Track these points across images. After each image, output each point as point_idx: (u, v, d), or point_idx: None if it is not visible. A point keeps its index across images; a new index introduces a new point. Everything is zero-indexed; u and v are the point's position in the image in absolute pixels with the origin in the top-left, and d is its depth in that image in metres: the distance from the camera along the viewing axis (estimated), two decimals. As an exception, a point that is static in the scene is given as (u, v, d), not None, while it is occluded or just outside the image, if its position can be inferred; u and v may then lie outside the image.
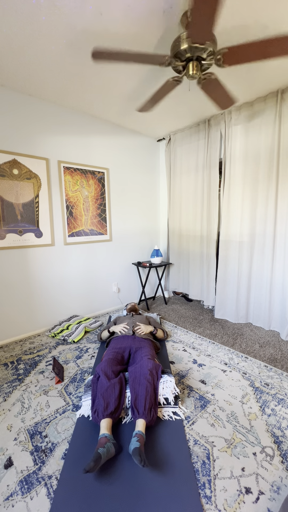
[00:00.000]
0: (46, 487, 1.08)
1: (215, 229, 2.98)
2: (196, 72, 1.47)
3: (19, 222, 2.35)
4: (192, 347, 2.27)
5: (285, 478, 1.10)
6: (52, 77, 2.03)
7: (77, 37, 1.60)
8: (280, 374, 1.85)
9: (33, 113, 2.36)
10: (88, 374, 1.87)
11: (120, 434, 1.33)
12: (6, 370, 1.94)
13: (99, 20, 1.47)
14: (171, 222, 3.54)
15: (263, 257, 2.58)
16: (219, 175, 2.92)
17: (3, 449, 1.27)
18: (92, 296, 3.05)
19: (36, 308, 2.58)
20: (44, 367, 1.97)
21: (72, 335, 2.42)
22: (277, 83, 2.17)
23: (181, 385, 1.73)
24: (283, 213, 2.37)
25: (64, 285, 2.77)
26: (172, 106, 2.56)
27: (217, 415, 1.46)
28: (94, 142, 2.85)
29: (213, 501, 1.02)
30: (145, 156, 3.45)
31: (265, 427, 1.37)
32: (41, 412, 1.50)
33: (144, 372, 1.50)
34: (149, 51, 1.73)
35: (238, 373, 1.86)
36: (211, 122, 2.86)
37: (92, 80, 2.08)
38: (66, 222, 2.69)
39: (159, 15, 1.44)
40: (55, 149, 2.54)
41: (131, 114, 2.75)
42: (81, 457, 1.20)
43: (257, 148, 2.50)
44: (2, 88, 2.16)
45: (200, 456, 1.21)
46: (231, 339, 2.44)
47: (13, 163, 2.27)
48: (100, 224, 3.00)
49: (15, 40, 1.61)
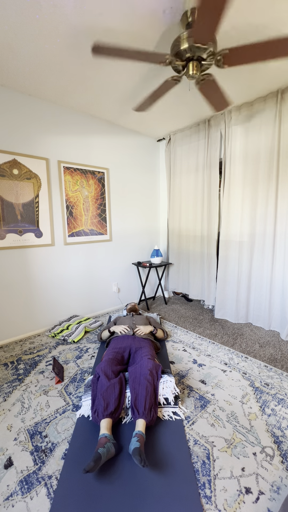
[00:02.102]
0: (46, 487, 1.08)
1: (215, 229, 2.98)
2: (196, 72, 1.47)
3: (19, 222, 2.35)
4: (192, 347, 2.27)
5: (285, 478, 1.10)
6: (52, 77, 2.03)
7: (77, 37, 1.60)
8: (280, 374, 1.85)
9: (33, 113, 2.36)
10: (88, 374, 1.87)
11: (120, 434, 1.33)
12: (6, 370, 1.94)
13: (99, 20, 1.47)
14: (171, 222, 3.54)
15: (263, 257, 2.58)
16: (219, 175, 2.91)
17: (3, 449, 1.27)
18: (92, 296, 3.05)
19: (36, 308, 2.58)
20: (44, 367, 1.97)
21: (72, 335, 2.42)
22: (277, 83, 2.17)
23: (181, 385, 1.73)
24: (283, 213, 2.37)
25: (64, 285, 2.77)
26: (172, 106, 2.56)
27: (217, 415, 1.46)
28: (94, 142, 2.85)
29: (213, 501, 1.02)
30: (145, 156, 3.45)
31: (265, 427, 1.37)
32: (41, 412, 1.50)
33: (144, 372, 1.50)
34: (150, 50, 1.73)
35: (238, 373, 1.86)
36: (211, 122, 2.86)
37: (92, 80, 2.08)
38: (66, 222, 2.69)
39: (159, 15, 1.44)
40: (55, 149, 2.54)
41: (131, 114, 2.75)
42: (81, 457, 1.20)
43: (257, 148, 2.50)
44: (2, 88, 2.16)
45: (200, 456, 1.21)
46: (231, 339, 2.44)
47: (13, 163, 2.27)
48: (100, 224, 3.00)
49: (15, 39, 1.61)
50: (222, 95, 1.73)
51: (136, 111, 2.38)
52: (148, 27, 1.53)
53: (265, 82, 2.16)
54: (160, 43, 1.67)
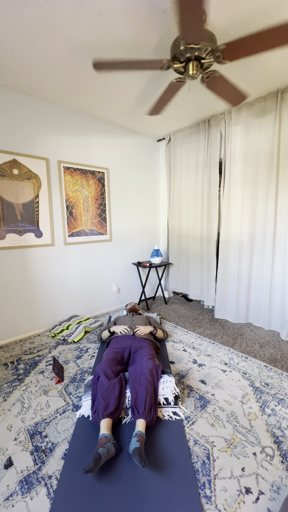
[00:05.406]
0: (46, 487, 1.08)
1: (215, 229, 2.98)
2: (196, 72, 1.47)
3: (19, 222, 2.35)
4: (192, 347, 2.27)
5: (285, 478, 1.10)
6: (52, 77, 2.03)
7: (77, 37, 1.60)
8: (280, 374, 1.85)
9: (33, 113, 2.36)
10: (88, 374, 1.87)
11: (120, 434, 1.33)
12: (6, 370, 1.94)
13: (99, 20, 1.47)
14: (171, 222, 3.54)
15: (263, 257, 2.58)
16: (219, 175, 2.91)
17: (3, 449, 1.26)
18: (92, 296, 3.05)
19: (36, 308, 2.58)
20: (44, 367, 1.97)
21: (72, 335, 2.42)
22: (277, 83, 2.17)
23: (181, 385, 1.73)
24: (283, 213, 2.37)
25: (64, 285, 2.77)
26: (172, 106, 2.56)
27: (217, 415, 1.46)
28: (94, 142, 2.85)
29: (213, 501, 1.02)
30: (145, 156, 3.45)
31: (265, 427, 1.37)
32: (41, 412, 1.50)
33: (144, 372, 1.50)
34: (150, 50, 1.73)
35: (238, 373, 1.86)
36: (211, 122, 2.86)
37: (92, 80, 2.08)
38: (66, 222, 2.69)
39: (159, 14, 1.44)
40: (55, 149, 2.54)
41: (131, 114, 2.75)
42: (81, 457, 1.20)
43: (257, 148, 2.50)
44: (2, 88, 2.16)
45: (200, 456, 1.21)
46: (231, 339, 2.44)
47: (13, 163, 2.27)
48: (100, 224, 3.00)
49: (15, 40, 1.61)
50: (234, 88, 1.69)
51: (148, 115, 2.37)
52: (148, 27, 1.53)
53: (265, 82, 2.16)
54: (161, 44, 1.66)
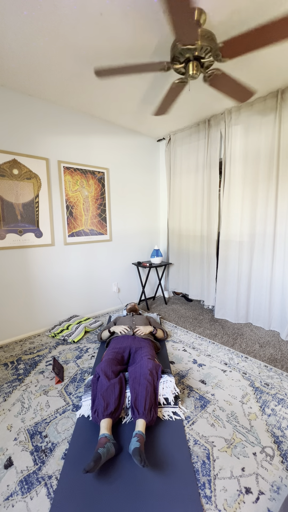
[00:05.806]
0: (46, 487, 1.08)
1: (215, 229, 2.98)
2: (196, 72, 1.47)
3: (19, 222, 2.35)
4: (192, 347, 2.27)
5: (285, 478, 1.10)
6: (52, 77, 2.03)
7: (77, 38, 1.60)
8: (280, 374, 1.85)
9: (33, 113, 2.36)
10: (88, 374, 1.87)
11: (120, 434, 1.33)
12: (6, 370, 1.94)
13: (99, 20, 1.47)
14: (171, 222, 3.54)
15: (263, 257, 2.57)
16: (219, 175, 2.91)
17: (3, 449, 1.26)
18: (92, 296, 3.05)
19: (36, 308, 2.58)
20: (44, 367, 1.97)
21: (72, 335, 2.42)
22: (277, 83, 2.17)
23: (181, 385, 1.73)
24: (283, 213, 2.37)
25: (64, 285, 2.77)
26: (172, 106, 2.56)
27: (217, 415, 1.46)
28: (94, 142, 2.85)
29: (213, 501, 1.02)
30: (145, 156, 3.45)
31: (265, 427, 1.37)
32: (41, 412, 1.50)
33: (144, 372, 1.50)
34: (150, 50, 1.72)
35: (238, 373, 1.86)
36: (211, 122, 2.86)
37: (92, 80, 2.08)
38: (66, 222, 2.69)
39: (159, 14, 1.44)
40: (55, 149, 2.54)
41: (131, 114, 2.75)
42: (81, 457, 1.20)
43: (257, 148, 2.50)
44: (2, 88, 2.16)
45: (200, 456, 1.21)
46: (231, 339, 2.44)
47: (13, 163, 2.27)
48: (100, 224, 3.00)
49: (15, 40, 1.61)
50: (240, 85, 1.67)
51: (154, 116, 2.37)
52: (148, 27, 1.53)
53: (265, 82, 2.16)
54: (161, 44, 1.66)
